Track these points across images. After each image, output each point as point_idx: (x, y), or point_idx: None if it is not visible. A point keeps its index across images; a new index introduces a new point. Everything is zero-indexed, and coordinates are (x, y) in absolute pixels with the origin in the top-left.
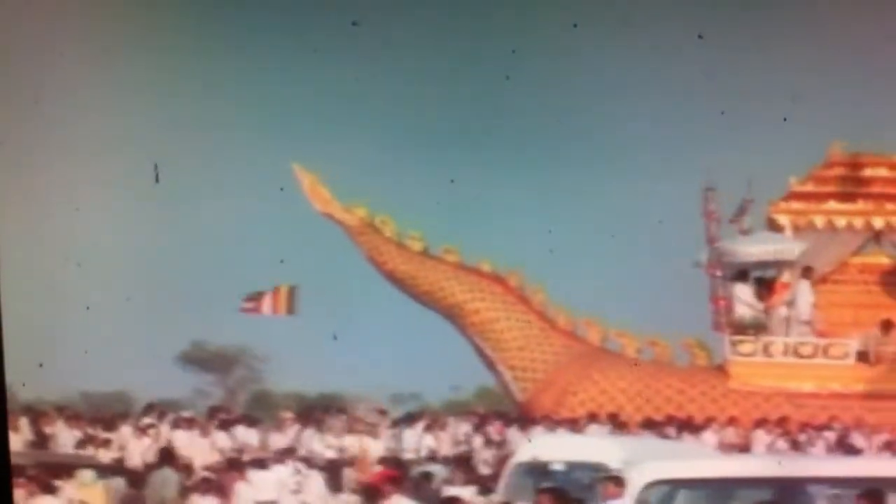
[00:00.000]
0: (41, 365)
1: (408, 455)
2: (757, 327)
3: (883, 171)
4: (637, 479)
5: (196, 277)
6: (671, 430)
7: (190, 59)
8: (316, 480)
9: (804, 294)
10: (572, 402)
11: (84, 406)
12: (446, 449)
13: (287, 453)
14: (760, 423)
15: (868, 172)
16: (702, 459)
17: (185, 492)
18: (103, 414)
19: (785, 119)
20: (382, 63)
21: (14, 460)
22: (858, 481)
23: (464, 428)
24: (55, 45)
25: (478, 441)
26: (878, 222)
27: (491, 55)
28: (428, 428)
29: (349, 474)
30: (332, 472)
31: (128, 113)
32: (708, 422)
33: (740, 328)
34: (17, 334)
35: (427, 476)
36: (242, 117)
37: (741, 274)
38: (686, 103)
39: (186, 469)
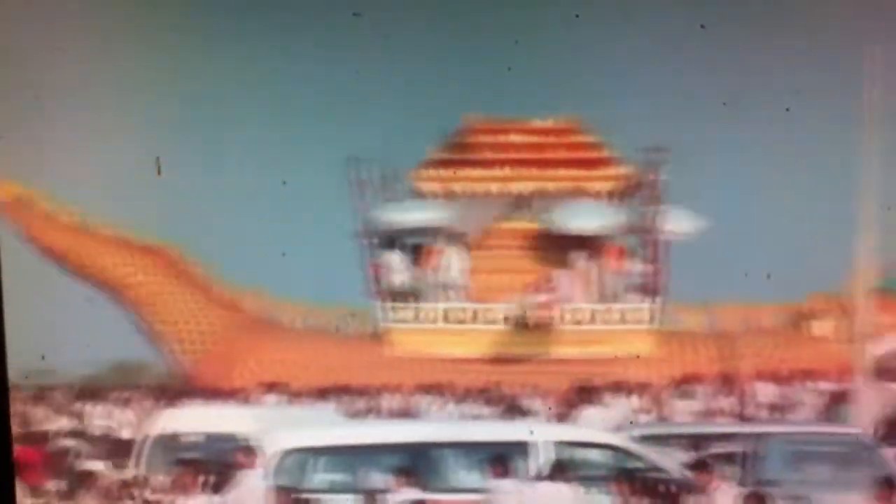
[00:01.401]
0: (43, 357)
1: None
2: (411, 294)
3: (520, 137)
4: (272, 448)
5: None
6: (340, 398)
7: (190, 53)
8: None
9: (455, 260)
10: (238, 373)
11: None
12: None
13: None
14: (423, 388)
15: (506, 139)
16: (334, 427)
17: None
18: None
19: (787, 109)
20: (384, 54)
21: None
22: (485, 445)
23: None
24: (56, 41)
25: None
26: (521, 188)
27: (493, 46)
28: (122, 403)
29: None
30: None
31: (128, 107)
32: (371, 389)
33: (395, 295)
34: (20, 327)
35: (65, 452)
36: (243, 109)
37: (392, 242)
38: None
39: None
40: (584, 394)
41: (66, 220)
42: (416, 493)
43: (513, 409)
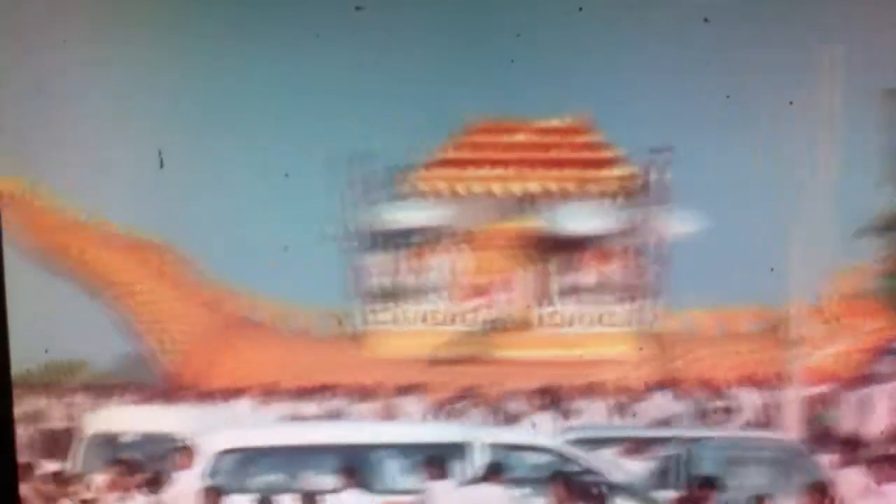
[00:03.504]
0: (47, 351)
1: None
2: (394, 295)
3: (524, 137)
4: (209, 448)
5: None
6: (318, 400)
7: (191, 44)
8: None
9: (445, 261)
10: (218, 374)
11: None
12: None
13: None
14: (401, 390)
15: (509, 138)
16: (273, 427)
17: None
18: None
19: (791, 103)
20: (385, 48)
21: None
22: (423, 447)
23: None
24: (56, 30)
25: None
26: (521, 188)
27: (495, 39)
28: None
29: None
30: None
31: (130, 99)
32: (350, 390)
33: (377, 297)
34: (23, 322)
35: None
36: (244, 102)
37: (378, 242)
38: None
39: None
40: (554, 396)
41: (59, 216)
42: (355, 494)
43: (492, 412)
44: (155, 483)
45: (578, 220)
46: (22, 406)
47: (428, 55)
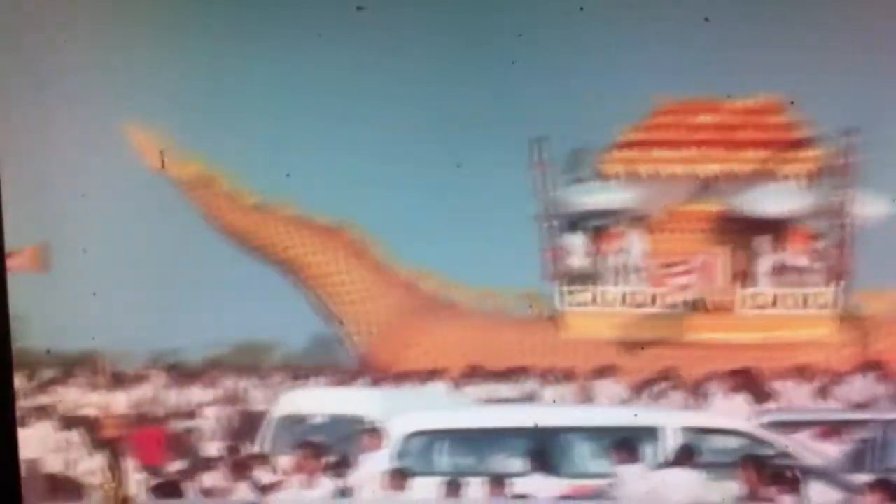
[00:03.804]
0: (48, 351)
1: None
2: (589, 277)
3: (711, 117)
4: (397, 431)
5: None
6: (512, 383)
7: (193, 43)
8: (78, 438)
9: (636, 243)
10: (410, 356)
11: None
12: None
13: (47, 410)
14: (599, 372)
15: (696, 119)
16: (461, 410)
17: None
18: None
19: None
20: (386, 48)
21: None
22: (612, 431)
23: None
24: (58, 30)
25: None
26: (707, 169)
27: (497, 39)
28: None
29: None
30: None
31: (132, 98)
32: (544, 373)
33: (573, 278)
34: (25, 320)
35: (187, 431)
36: (245, 102)
37: (573, 224)
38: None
39: None
40: (750, 379)
41: (247, 199)
42: (543, 478)
43: (688, 395)
44: (341, 466)
45: (773, 201)
46: (220, 389)
47: (429, 55)
